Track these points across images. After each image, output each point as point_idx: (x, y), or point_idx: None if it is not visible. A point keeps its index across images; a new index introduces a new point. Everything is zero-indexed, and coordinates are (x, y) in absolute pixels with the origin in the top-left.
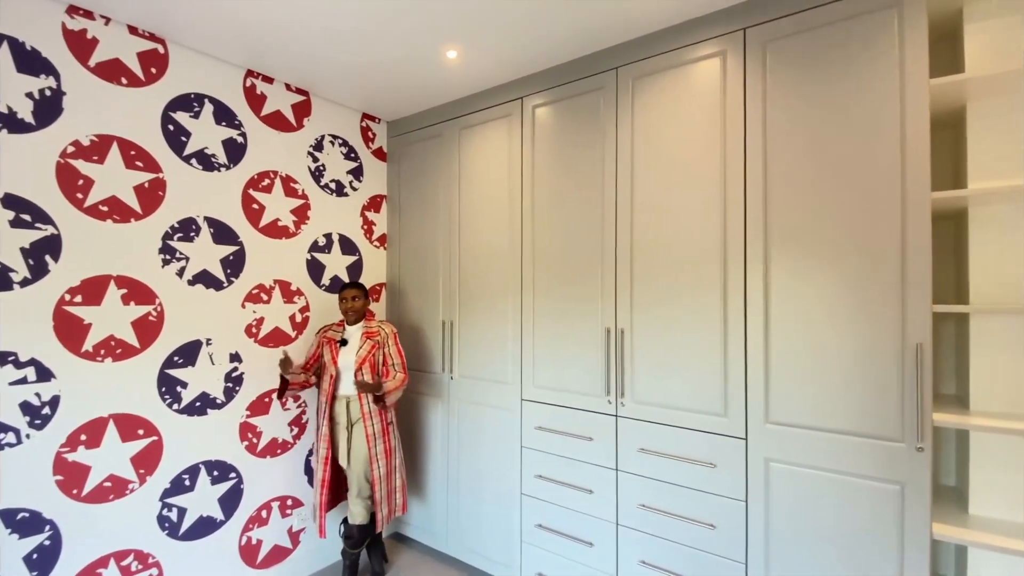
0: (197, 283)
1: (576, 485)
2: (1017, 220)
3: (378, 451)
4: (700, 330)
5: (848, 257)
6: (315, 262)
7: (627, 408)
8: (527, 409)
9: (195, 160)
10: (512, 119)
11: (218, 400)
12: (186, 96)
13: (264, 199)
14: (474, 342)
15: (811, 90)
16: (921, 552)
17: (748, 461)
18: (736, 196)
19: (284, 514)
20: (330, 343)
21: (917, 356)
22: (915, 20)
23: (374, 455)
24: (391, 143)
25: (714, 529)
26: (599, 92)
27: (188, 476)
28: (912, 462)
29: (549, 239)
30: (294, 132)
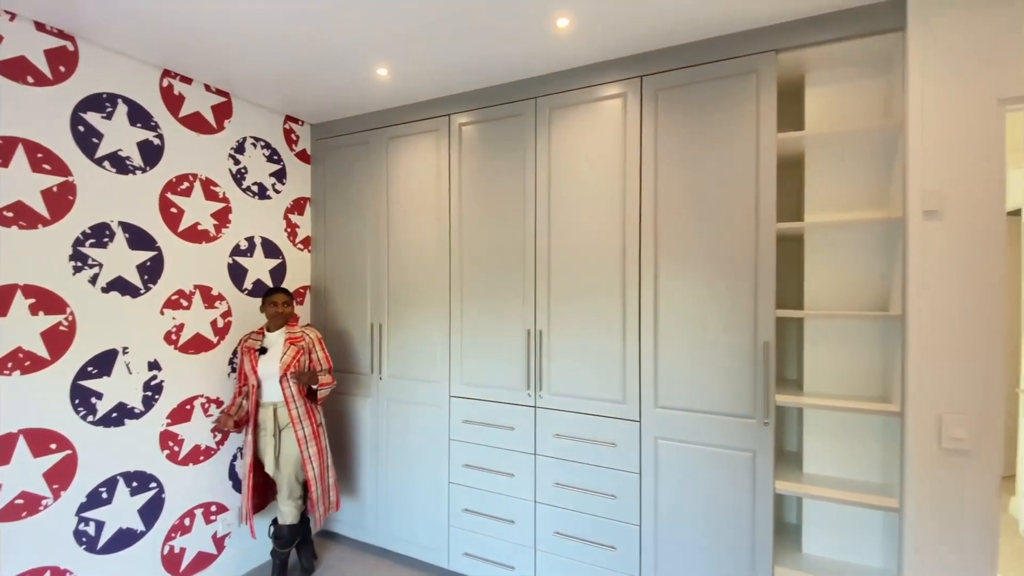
0: (112, 290)
1: (499, 470)
2: (838, 245)
3: (311, 453)
4: (604, 329)
5: (716, 270)
6: (237, 266)
7: (544, 399)
8: (455, 405)
9: (108, 163)
10: (440, 134)
11: (136, 410)
12: (98, 96)
13: (183, 203)
14: (403, 344)
15: (690, 133)
16: (767, 503)
17: (642, 439)
18: (633, 215)
19: (208, 520)
20: (249, 352)
21: (765, 351)
22: (768, 85)
23: (307, 457)
24: (315, 146)
25: (615, 499)
26: (521, 118)
27: (105, 489)
28: (761, 434)
29: (476, 247)
30: (214, 134)
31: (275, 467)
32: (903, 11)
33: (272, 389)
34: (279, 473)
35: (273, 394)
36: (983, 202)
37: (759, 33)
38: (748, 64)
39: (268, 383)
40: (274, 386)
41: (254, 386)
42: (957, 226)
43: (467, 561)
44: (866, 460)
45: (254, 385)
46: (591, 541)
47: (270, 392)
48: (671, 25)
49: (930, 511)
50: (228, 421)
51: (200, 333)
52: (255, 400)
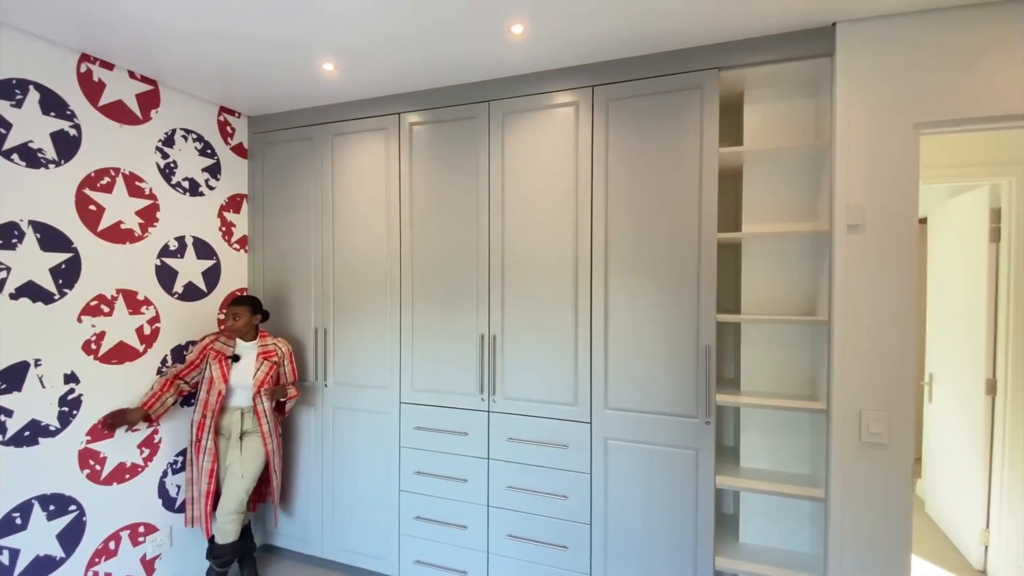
0: (21, 296)
1: (452, 476)
2: (772, 254)
3: (277, 466)
4: (557, 334)
5: (662, 276)
6: (166, 268)
7: (498, 404)
8: (405, 411)
9: (17, 155)
10: (389, 132)
11: (51, 427)
12: (7, 82)
13: (103, 199)
14: (350, 349)
15: (639, 144)
16: (708, 497)
17: (592, 440)
18: (584, 222)
19: (136, 542)
20: (219, 357)
21: (706, 354)
22: (711, 101)
23: (274, 470)
24: (253, 139)
25: (567, 499)
26: (474, 121)
27: (19, 514)
28: (702, 432)
29: (427, 250)
30: (139, 125)
31: (238, 476)
32: (832, 39)
33: (238, 396)
34: (236, 483)
35: (236, 400)
36: (899, 216)
37: (703, 51)
38: (693, 80)
39: (236, 393)
40: (241, 395)
41: (220, 392)
42: (875, 238)
43: (418, 568)
44: (796, 454)
45: (220, 392)
46: (543, 542)
47: (236, 398)
48: (622, 37)
49: (851, 499)
50: (135, 416)
51: (124, 341)
52: (219, 406)
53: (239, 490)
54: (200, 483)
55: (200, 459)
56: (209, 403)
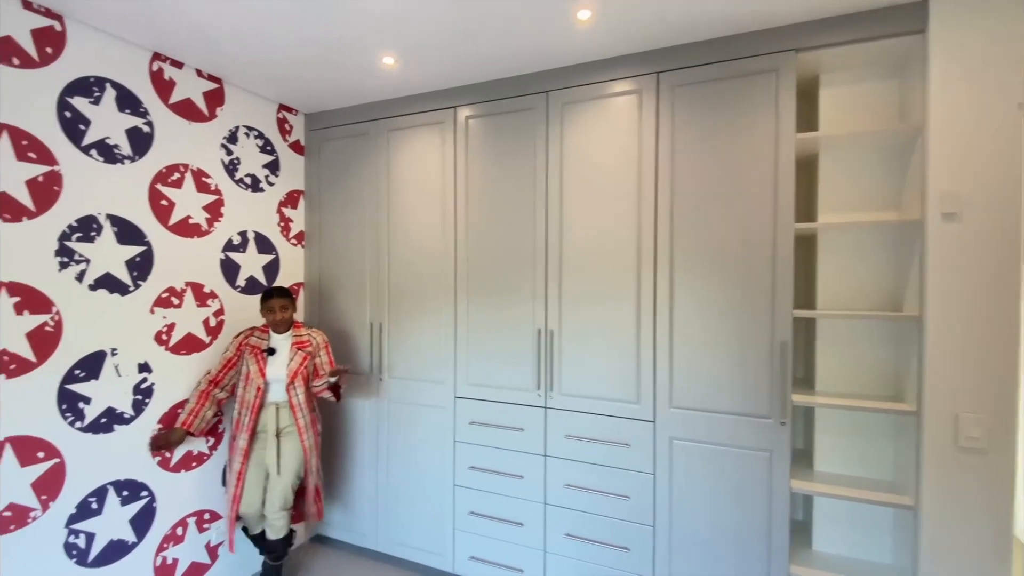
0: (100, 288)
1: (508, 472)
2: (851, 246)
3: (314, 463)
4: (618, 329)
5: (733, 270)
6: (229, 262)
7: (555, 400)
8: (460, 406)
9: (95, 151)
10: (445, 126)
11: (126, 415)
12: (85, 80)
13: (174, 194)
14: (405, 343)
15: (707, 131)
16: (783, 502)
17: (656, 440)
18: (648, 215)
19: (201, 529)
20: (255, 352)
21: (782, 351)
22: (787, 85)
23: (311, 467)
24: (309, 136)
25: (628, 499)
26: (531, 112)
27: (95, 499)
28: (777, 434)
29: (483, 244)
30: (206, 122)
31: (276, 473)
32: (925, 14)
33: (274, 391)
34: (277, 480)
35: (272, 396)
36: (1001, 204)
37: (780, 32)
38: (768, 63)
39: (273, 387)
40: (276, 389)
41: (259, 388)
42: (974, 227)
43: (473, 565)
44: (877, 458)
45: (260, 388)
46: (604, 543)
47: (273, 393)
48: (693, 20)
49: (946, 509)
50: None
51: (192, 333)
52: (258, 402)
53: (284, 487)
54: (230, 487)
55: (233, 460)
56: (246, 400)
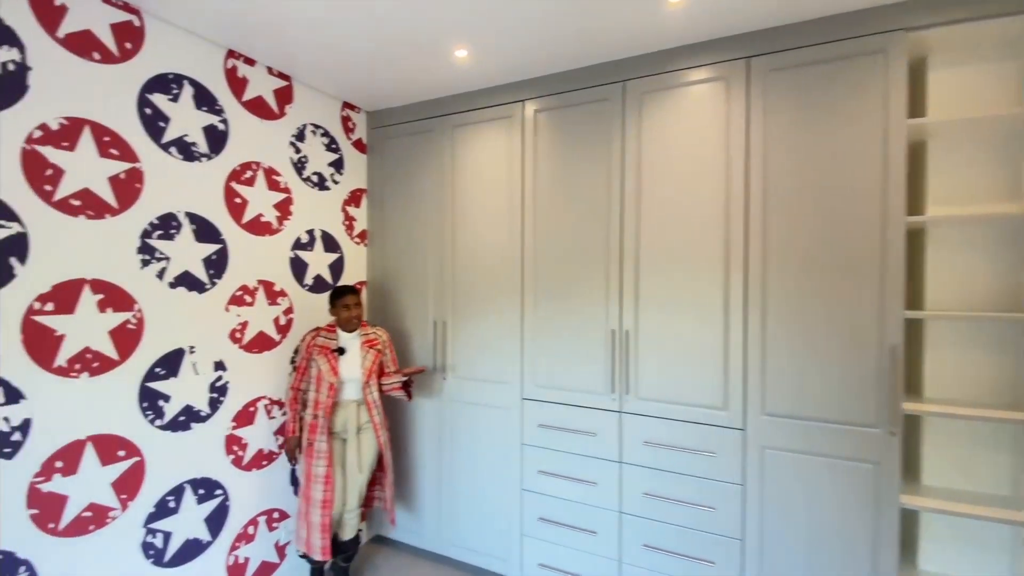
0: (179, 286)
1: (580, 478)
2: (965, 241)
3: (389, 458)
4: (704, 331)
5: (834, 267)
6: (298, 260)
7: (631, 404)
8: (528, 408)
9: (175, 148)
10: (512, 121)
11: (202, 413)
12: (164, 77)
13: (247, 192)
14: (469, 342)
15: (804, 119)
16: (892, 518)
17: (746, 449)
18: (737, 208)
19: (271, 528)
20: (324, 352)
21: (892, 356)
22: (897, 67)
23: (387, 462)
24: (372, 135)
25: (714, 511)
26: (605, 103)
27: (173, 497)
28: (885, 445)
29: (552, 242)
30: (276, 120)
31: (358, 471)
32: None
33: (349, 390)
34: (358, 477)
35: (348, 394)
36: None
37: (886, 11)
38: (874, 44)
39: (347, 386)
40: (352, 388)
41: (332, 386)
42: None
43: (542, 572)
44: (991, 471)
45: (332, 385)
46: (686, 555)
47: (347, 392)
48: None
49: None
50: (293, 443)
51: (264, 331)
52: (332, 402)
53: (362, 484)
54: (314, 492)
55: (312, 464)
56: (320, 401)
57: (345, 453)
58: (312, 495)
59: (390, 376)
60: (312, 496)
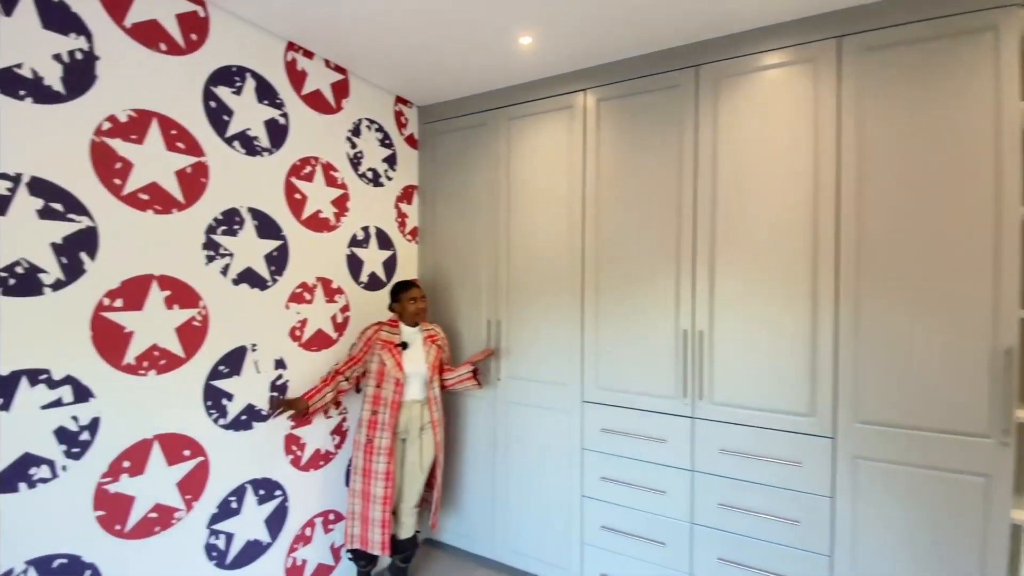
0: (242, 282)
1: (647, 486)
2: None
3: (441, 456)
4: (787, 332)
5: (938, 263)
6: (354, 258)
7: (705, 410)
8: (589, 411)
9: (238, 143)
10: (573, 111)
11: (264, 412)
12: (227, 69)
13: (306, 188)
14: (525, 342)
15: (904, 103)
16: (1002, 536)
17: (836, 459)
18: (828, 198)
19: (327, 530)
20: (388, 346)
21: (1007, 359)
22: (1009, 44)
23: (440, 462)
24: (423, 129)
25: (798, 524)
26: (676, 90)
27: (235, 498)
28: (998, 456)
29: (616, 237)
30: (333, 114)
31: (419, 471)
32: None
33: (413, 388)
34: (418, 477)
35: (412, 393)
36: None
37: None
38: (984, 20)
39: (412, 381)
40: (416, 385)
41: (399, 382)
42: None
43: None
44: None
45: (399, 381)
46: (766, 571)
47: (411, 391)
48: None
49: None
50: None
51: (322, 329)
52: (398, 399)
53: (421, 484)
54: (373, 488)
55: (372, 461)
56: (382, 397)
57: (405, 452)
58: (372, 491)
59: (454, 370)
60: (372, 492)
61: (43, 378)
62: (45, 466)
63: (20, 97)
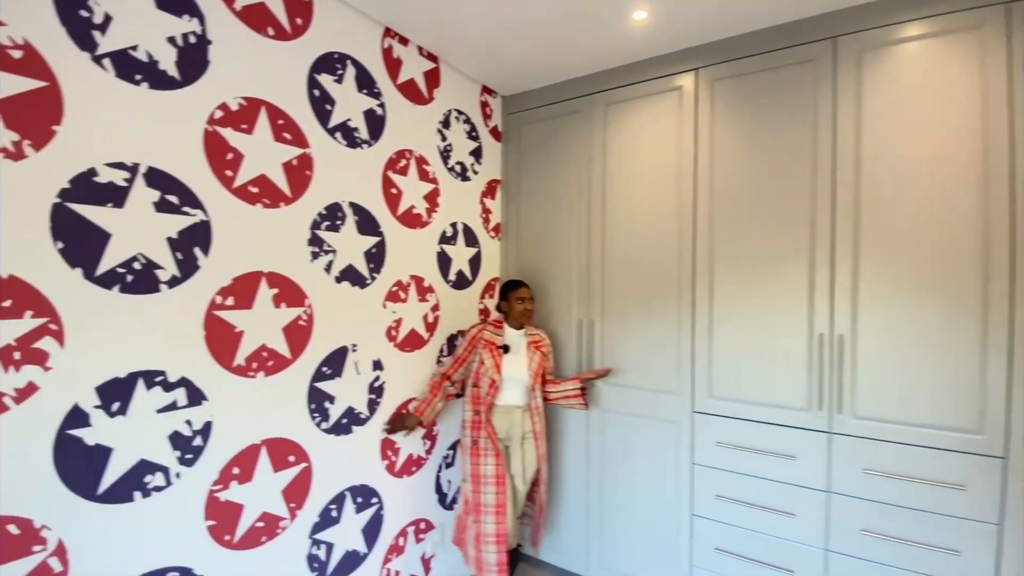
0: (344, 280)
1: (771, 507)
2: None
3: (545, 469)
4: (950, 339)
5: None
6: (444, 255)
7: (845, 424)
8: (700, 422)
9: (339, 134)
10: (683, 92)
11: (362, 415)
12: (330, 56)
13: (401, 183)
14: (623, 345)
15: None
16: None
17: (1006, 482)
18: (1000, 182)
19: (418, 539)
20: (490, 346)
21: None
22: None
23: (543, 477)
24: (507, 120)
25: (958, 555)
26: (807, 65)
27: (335, 506)
28: None
29: (733, 232)
30: (426, 105)
31: (521, 483)
32: None
33: (513, 394)
34: (519, 489)
35: (511, 398)
36: None
37: None
38: None
39: (510, 386)
40: (516, 391)
41: (494, 383)
42: None
43: None
44: None
45: (495, 382)
46: None
47: (510, 396)
48: None
49: None
50: (412, 422)
51: (415, 329)
52: (491, 399)
53: (522, 496)
54: (484, 495)
55: (480, 464)
56: (480, 396)
57: (510, 460)
58: (483, 499)
59: (558, 383)
60: (483, 501)
61: (159, 380)
62: (160, 473)
63: (136, 82)
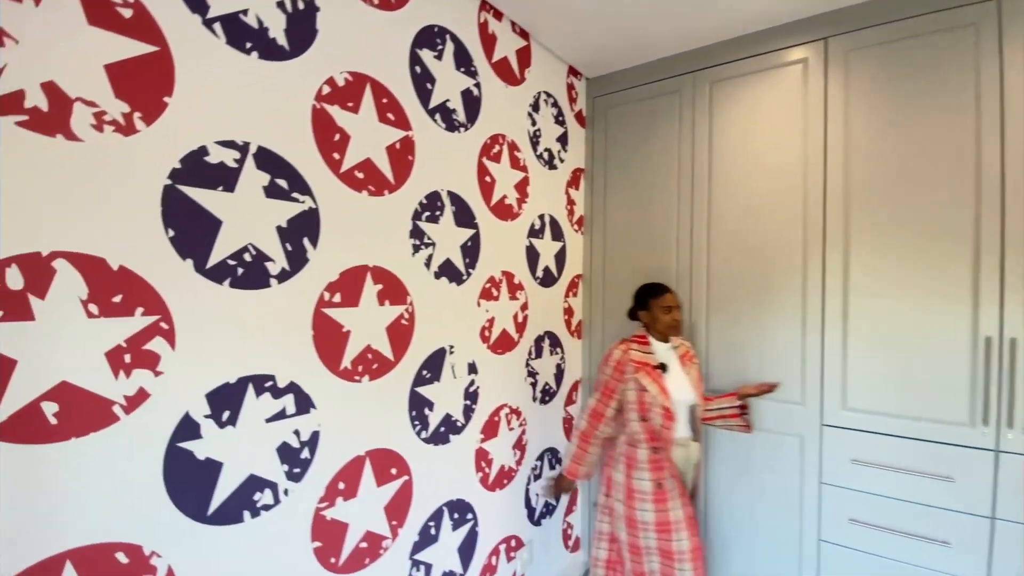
0: (442, 276)
1: (920, 535)
2: None
3: None
4: None
5: None
6: (532, 249)
7: (1014, 441)
8: (830, 437)
9: (439, 116)
10: (809, 65)
11: (459, 423)
12: (430, 29)
13: (495, 170)
14: (733, 349)
15: None
16: None
17: None
18: None
19: (509, 558)
20: (645, 367)
21: None
22: None
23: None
24: (592, 104)
25: None
26: (967, 29)
27: (434, 523)
28: None
29: (872, 220)
30: (518, 86)
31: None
32: None
33: (684, 420)
34: None
35: (681, 428)
36: None
37: None
38: None
39: (680, 411)
40: (684, 417)
41: (667, 410)
42: None
43: None
44: None
45: (667, 409)
46: None
47: (682, 423)
48: None
49: None
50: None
51: (506, 329)
52: (671, 433)
53: None
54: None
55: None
56: (655, 430)
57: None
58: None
59: (712, 399)
60: (676, 548)
61: (268, 386)
62: (268, 490)
63: (247, 51)
